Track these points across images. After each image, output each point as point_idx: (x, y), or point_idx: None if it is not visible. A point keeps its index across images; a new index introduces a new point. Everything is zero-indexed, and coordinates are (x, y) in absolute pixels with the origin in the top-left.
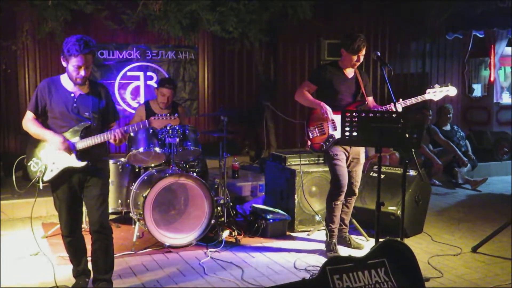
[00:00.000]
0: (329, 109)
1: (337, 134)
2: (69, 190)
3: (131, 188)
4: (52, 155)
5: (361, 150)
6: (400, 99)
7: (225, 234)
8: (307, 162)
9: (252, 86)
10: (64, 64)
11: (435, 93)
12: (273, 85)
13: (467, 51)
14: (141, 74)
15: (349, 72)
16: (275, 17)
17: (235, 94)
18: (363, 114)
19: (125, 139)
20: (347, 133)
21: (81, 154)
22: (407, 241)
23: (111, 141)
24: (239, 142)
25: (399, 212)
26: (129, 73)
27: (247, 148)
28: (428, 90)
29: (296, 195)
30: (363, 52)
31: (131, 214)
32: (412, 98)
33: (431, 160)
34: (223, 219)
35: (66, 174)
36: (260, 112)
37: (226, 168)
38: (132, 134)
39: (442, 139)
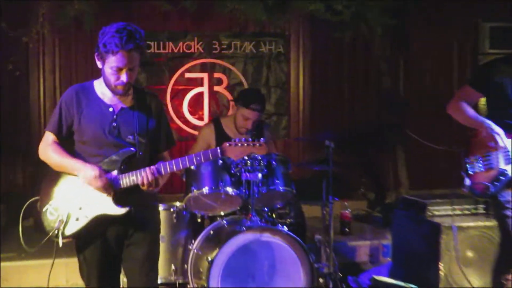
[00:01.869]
0: (499, 132)
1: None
2: (103, 249)
3: (190, 247)
4: (79, 197)
5: None
6: None
7: None
8: (461, 212)
9: (371, 94)
10: (99, 64)
11: None
12: (403, 93)
13: None
14: (205, 76)
15: None
16: None
17: (345, 106)
18: None
19: (161, 182)
20: None
21: (120, 197)
22: None
23: (144, 186)
24: (353, 180)
25: None
26: (187, 75)
27: (364, 188)
28: None
29: (441, 263)
30: None
31: (189, 287)
32: None
33: None
34: None
35: (99, 225)
36: (383, 134)
37: (332, 219)
38: (192, 167)
39: None
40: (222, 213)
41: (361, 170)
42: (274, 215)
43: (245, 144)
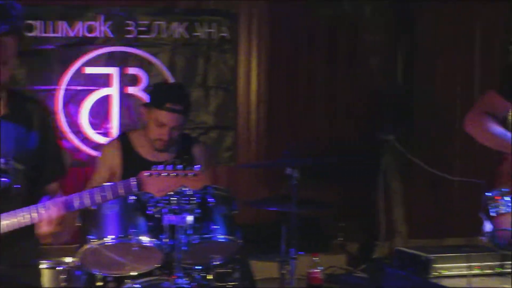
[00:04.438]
0: None
1: None
2: None
3: None
4: None
5: None
6: None
7: None
8: (480, 271)
9: (357, 99)
10: None
11: None
12: (405, 100)
13: None
14: (113, 71)
15: None
16: None
17: (318, 116)
18: None
19: (60, 226)
20: None
21: None
22: None
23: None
24: (327, 225)
25: None
26: (87, 70)
27: (343, 237)
28: None
29: None
30: None
31: None
32: None
33: None
34: None
35: None
36: (373, 157)
37: (295, 282)
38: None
39: None
40: (133, 273)
41: (339, 210)
42: (210, 276)
43: (173, 174)
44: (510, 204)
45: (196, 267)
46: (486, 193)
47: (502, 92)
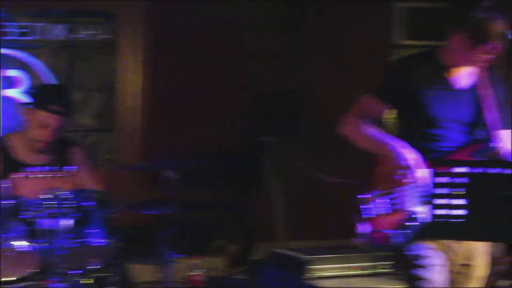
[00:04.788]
0: (411, 158)
1: (426, 213)
2: None
3: None
4: None
5: (478, 248)
6: None
7: None
8: (354, 271)
9: (240, 102)
10: None
11: None
12: (286, 102)
13: None
14: None
15: (463, 76)
16: None
17: (202, 118)
18: (488, 171)
19: None
20: (444, 212)
21: None
22: None
23: None
24: (207, 227)
25: None
26: None
27: (225, 239)
28: None
29: None
30: (505, 36)
31: None
32: None
33: None
34: None
35: None
36: (254, 160)
37: (176, 283)
38: None
39: None
40: (8, 279)
41: (220, 212)
42: (89, 281)
43: (45, 175)
44: (384, 205)
45: (74, 271)
46: (360, 195)
47: (378, 95)
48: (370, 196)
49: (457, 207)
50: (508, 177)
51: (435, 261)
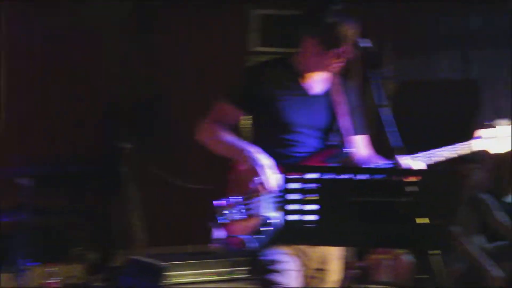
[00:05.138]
0: (265, 164)
1: (280, 218)
2: None
3: None
4: None
5: (332, 253)
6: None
7: None
8: (212, 277)
9: (97, 109)
10: None
11: (492, 138)
12: (143, 107)
13: None
14: None
15: (317, 82)
16: None
17: (59, 125)
18: (338, 176)
19: None
20: (296, 218)
21: None
22: None
23: None
24: (64, 235)
25: None
26: None
27: (82, 246)
28: (481, 132)
29: None
30: (356, 41)
31: None
32: (447, 147)
33: (481, 268)
34: None
35: None
36: (111, 167)
37: None
38: None
39: (500, 222)
40: None
41: (78, 219)
42: None
43: None
44: (239, 211)
45: None
46: (215, 201)
47: (233, 101)
48: (225, 201)
49: (309, 213)
50: (359, 183)
51: (289, 266)
